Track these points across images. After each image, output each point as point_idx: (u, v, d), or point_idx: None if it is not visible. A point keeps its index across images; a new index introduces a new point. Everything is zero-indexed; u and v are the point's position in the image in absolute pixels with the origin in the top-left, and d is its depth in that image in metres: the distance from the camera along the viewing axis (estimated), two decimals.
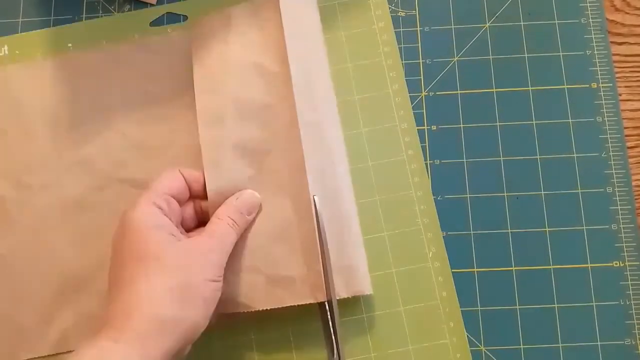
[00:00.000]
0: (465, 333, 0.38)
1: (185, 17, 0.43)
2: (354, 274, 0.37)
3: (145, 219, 0.32)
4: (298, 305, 0.36)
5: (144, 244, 0.32)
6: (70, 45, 0.42)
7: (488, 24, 0.44)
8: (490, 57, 0.43)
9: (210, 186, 0.37)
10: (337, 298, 0.36)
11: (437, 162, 0.42)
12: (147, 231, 0.32)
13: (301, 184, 0.36)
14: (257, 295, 0.36)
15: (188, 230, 0.37)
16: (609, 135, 0.41)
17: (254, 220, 0.37)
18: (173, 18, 0.44)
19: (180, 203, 0.36)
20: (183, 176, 0.36)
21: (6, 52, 0.42)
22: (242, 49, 0.39)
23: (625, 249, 0.40)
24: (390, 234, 0.40)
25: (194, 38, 0.40)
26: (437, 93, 0.43)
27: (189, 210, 0.37)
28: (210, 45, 0.40)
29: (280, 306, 0.36)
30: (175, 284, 0.31)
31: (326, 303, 0.35)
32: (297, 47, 0.38)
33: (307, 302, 0.35)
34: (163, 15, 0.44)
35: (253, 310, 0.36)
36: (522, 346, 0.38)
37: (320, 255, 0.35)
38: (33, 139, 0.41)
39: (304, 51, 0.39)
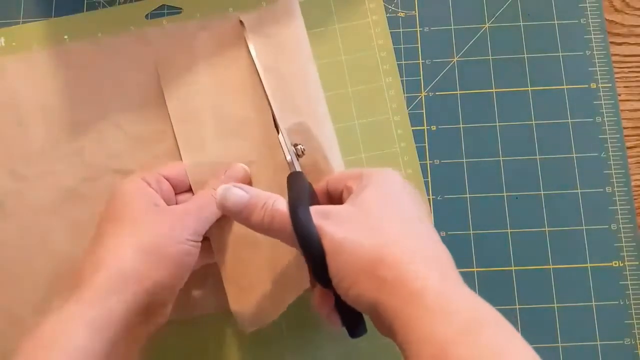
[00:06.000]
0: None
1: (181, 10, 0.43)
2: None
3: (130, 188, 0.34)
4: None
5: (122, 207, 0.33)
6: (66, 37, 0.42)
7: (488, 25, 0.44)
8: (490, 57, 0.43)
9: None
10: None
11: (437, 162, 0.42)
12: (128, 197, 0.33)
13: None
14: (272, 304, 0.36)
15: None
16: (608, 136, 0.42)
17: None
18: (169, 10, 0.44)
19: (176, 189, 0.37)
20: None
21: (2, 43, 0.43)
22: (211, 73, 0.40)
23: (625, 249, 0.40)
24: None
25: (162, 76, 0.41)
26: (437, 93, 0.43)
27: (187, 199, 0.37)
28: (180, 78, 0.40)
29: (284, 308, 0.35)
30: (144, 243, 0.31)
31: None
32: (268, 57, 0.39)
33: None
34: (159, 7, 0.43)
35: (274, 319, 0.36)
36: None
37: None
38: (28, 130, 0.41)
39: (276, 59, 0.40)
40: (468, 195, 0.41)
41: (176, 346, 0.39)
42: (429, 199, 0.41)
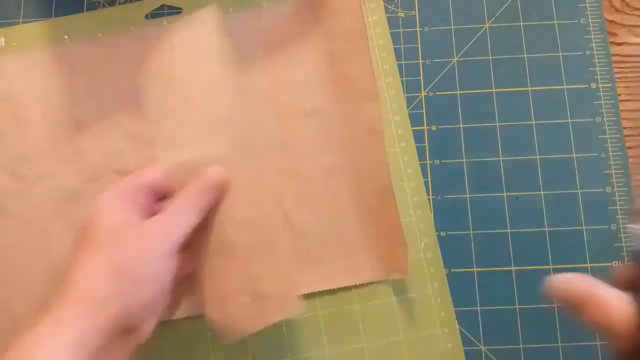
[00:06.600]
0: (457, 323, 0.39)
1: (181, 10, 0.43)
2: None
3: (104, 205, 0.33)
4: None
5: (94, 227, 0.32)
6: (66, 37, 0.43)
7: (487, 25, 0.44)
8: (490, 57, 0.43)
9: None
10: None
11: (437, 162, 0.42)
12: (102, 215, 0.32)
13: (273, 186, 0.36)
14: (249, 317, 0.34)
15: None
16: (608, 136, 0.42)
17: (237, 237, 0.35)
18: (169, 10, 0.44)
19: (157, 194, 0.35)
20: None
21: (3, 43, 0.43)
22: (186, 69, 0.39)
23: (624, 249, 0.40)
24: None
25: (143, 75, 0.40)
26: (437, 93, 0.43)
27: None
28: (158, 76, 0.39)
29: (268, 325, 0.33)
30: (114, 266, 0.31)
31: None
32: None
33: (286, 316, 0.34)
34: (159, 7, 0.43)
35: (246, 335, 0.34)
36: (521, 346, 0.38)
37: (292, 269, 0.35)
38: (28, 130, 0.41)
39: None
40: (468, 195, 0.41)
41: (173, 346, 0.39)
42: (429, 199, 0.41)
